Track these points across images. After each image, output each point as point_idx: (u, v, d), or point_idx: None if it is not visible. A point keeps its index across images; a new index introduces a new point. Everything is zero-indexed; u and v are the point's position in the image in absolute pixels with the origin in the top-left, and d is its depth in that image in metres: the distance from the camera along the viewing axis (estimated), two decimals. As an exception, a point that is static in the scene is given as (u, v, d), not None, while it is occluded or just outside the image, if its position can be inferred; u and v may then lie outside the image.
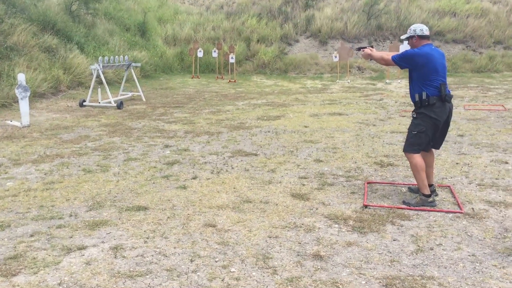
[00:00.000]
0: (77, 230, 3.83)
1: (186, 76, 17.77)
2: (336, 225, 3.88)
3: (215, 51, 17.66)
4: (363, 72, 17.54)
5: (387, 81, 15.87)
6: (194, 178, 5.19)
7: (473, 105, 10.57)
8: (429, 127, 4.28)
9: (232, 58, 16.78)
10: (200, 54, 17.76)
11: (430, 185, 4.42)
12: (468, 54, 17.93)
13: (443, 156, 6.01)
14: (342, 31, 19.20)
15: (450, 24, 18.84)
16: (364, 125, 8.32)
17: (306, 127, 8.24)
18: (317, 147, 6.63)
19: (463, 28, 18.73)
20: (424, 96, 4.24)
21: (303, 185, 4.91)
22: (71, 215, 4.15)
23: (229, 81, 16.57)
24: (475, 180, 5.00)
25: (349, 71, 16.91)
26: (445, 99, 4.23)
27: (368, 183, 4.89)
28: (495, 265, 3.19)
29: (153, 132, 7.88)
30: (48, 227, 3.88)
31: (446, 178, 5.07)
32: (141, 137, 7.45)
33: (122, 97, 11.96)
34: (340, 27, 19.26)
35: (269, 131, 7.87)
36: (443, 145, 5.46)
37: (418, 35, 4.34)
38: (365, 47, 4.68)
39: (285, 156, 6.12)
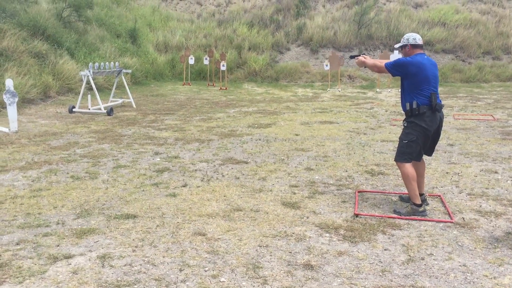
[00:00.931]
0: (64, 238, 3.76)
1: (177, 83, 17.74)
2: (327, 234, 3.85)
3: (206, 59, 17.66)
4: (353, 81, 17.64)
5: (378, 90, 15.96)
6: (184, 185, 5.14)
7: (463, 114, 10.65)
8: (419, 136, 4.29)
9: (223, 65, 16.78)
10: (191, 61, 17.75)
11: (421, 195, 4.42)
12: (458, 64, 18.12)
13: (433, 165, 6.03)
14: (333, 40, 19.33)
15: (439, 34, 19.05)
16: (354, 134, 8.34)
17: (297, 135, 8.24)
18: (308, 155, 6.62)
19: (452, 39, 18.94)
20: (414, 105, 4.25)
21: (294, 193, 4.89)
22: (58, 223, 4.08)
23: (220, 88, 16.56)
24: (465, 189, 5.02)
25: (340, 79, 16.99)
26: (435, 108, 4.24)
27: (359, 192, 4.88)
28: (486, 275, 3.18)
29: (143, 139, 7.82)
30: (35, 235, 3.81)
31: (437, 187, 5.08)
32: (131, 144, 7.39)
33: (112, 103, 11.88)
34: (331, 36, 19.38)
35: (260, 139, 7.85)
36: (433, 155, 5.51)
37: (411, 44, 4.36)
38: (358, 55, 4.68)
39: (276, 164, 6.10)
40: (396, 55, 15.99)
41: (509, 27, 19.28)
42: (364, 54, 5.22)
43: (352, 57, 4.86)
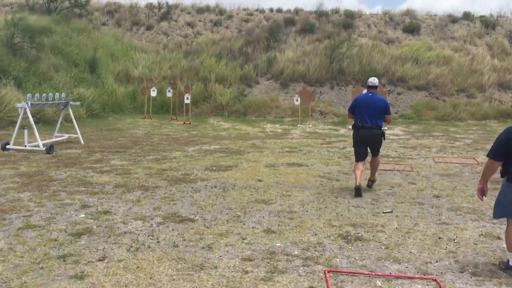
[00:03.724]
0: None
1: (137, 116, 16.49)
2: None
3: (169, 91, 16.55)
4: (325, 116, 16.79)
5: (350, 127, 15.06)
6: (101, 259, 3.87)
7: (443, 157, 9.76)
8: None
9: (187, 98, 15.68)
10: (153, 93, 16.60)
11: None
12: (431, 101, 17.54)
13: (421, 226, 4.94)
14: (304, 74, 18.57)
15: (412, 70, 18.55)
16: (326, 180, 7.25)
17: (260, 181, 7.10)
18: (270, 210, 5.46)
19: (425, 75, 18.45)
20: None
21: (246, 272, 3.69)
22: None
23: (184, 123, 15.40)
24: (467, 266, 3.91)
25: (311, 115, 16.10)
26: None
27: (330, 271, 3.71)
28: None
29: (76, 185, 6.53)
30: None
31: (431, 263, 3.95)
32: (58, 193, 6.08)
33: (56, 139, 10.53)
34: (302, 70, 18.63)
35: (215, 186, 6.67)
36: (419, 211, 4.50)
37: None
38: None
39: (229, 224, 4.91)
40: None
41: (482, 65, 18.97)
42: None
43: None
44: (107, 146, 10.40)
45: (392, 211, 5.47)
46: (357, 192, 6.14)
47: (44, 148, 9.19)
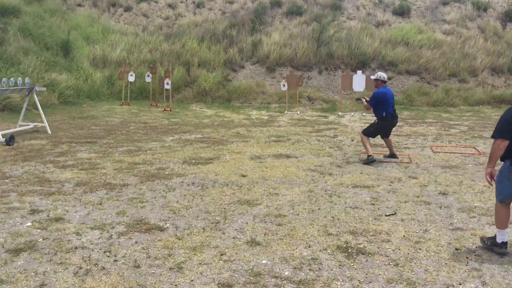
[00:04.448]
0: None
1: (115, 103, 15.49)
2: None
3: (148, 75, 15.57)
4: (313, 103, 15.99)
5: (340, 113, 14.34)
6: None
7: (441, 146, 9.06)
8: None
9: (167, 83, 14.72)
10: (131, 78, 15.59)
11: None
12: (423, 86, 16.84)
13: (432, 233, 4.19)
14: (291, 58, 17.69)
15: (402, 54, 17.78)
16: (318, 174, 6.48)
17: (243, 176, 6.30)
18: (254, 213, 4.67)
19: (416, 59, 17.71)
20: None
21: (223, 305, 2.91)
22: None
23: (164, 109, 14.48)
24: (497, 288, 3.18)
25: (299, 101, 15.28)
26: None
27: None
28: None
29: (30, 184, 5.65)
30: None
31: (453, 286, 3.21)
32: (7, 193, 5.21)
33: (19, 128, 9.58)
34: (289, 53, 17.73)
35: (193, 183, 5.86)
36: (427, 212, 3.79)
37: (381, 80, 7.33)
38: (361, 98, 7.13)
39: (205, 233, 4.11)
40: (359, 76, 14.46)
41: (474, 49, 18.29)
42: (365, 98, 7.79)
43: (358, 100, 7.39)
44: (76, 136, 9.48)
45: (395, 213, 4.72)
46: (372, 159, 7.22)
47: (4, 139, 8.26)
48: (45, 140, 8.93)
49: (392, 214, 4.68)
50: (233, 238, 4.00)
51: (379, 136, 7.78)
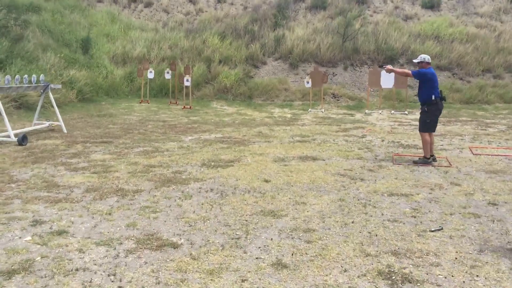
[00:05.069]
0: None
1: (134, 100, 15.14)
2: None
3: (168, 72, 15.17)
4: (338, 100, 15.33)
5: (367, 111, 13.67)
6: (26, 324, 2.59)
7: (481, 147, 8.35)
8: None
9: (187, 80, 14.28)
10: (150, 75, 15.21)
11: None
12: (456, 82, 15.98)
13: (489, 255, 3.57)
14: (315, 53, 17.04)
15: (433, 48, 16.93)
16: (348, 180, 5.90)
17: (267, 181, 5.77)
18: (280, 228, 4.13)
19: (447, 54, 16.86)
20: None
21: None
22: None
23: (184, 107, 14.06)
24: None
25: (323, 98, 14.65)
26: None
27: None
28: None
29: (37, 190, 5.24)
30: None
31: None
32: (10, 200, 4.80)
33: (34, 127, 9.26)
34: (312, 49, 17.09)
35: (212, 189, 5.36)
36: (478, 228, 3.16)
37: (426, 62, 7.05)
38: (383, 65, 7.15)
39: (224, 252, 3.59)
40: (384, 74, 13.55)
41: (510, 43, 17.30)
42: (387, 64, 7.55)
43: (380, 66, 6.77)
44: (92, 136, 9.10)
45: (442, 228, 4.12)
46: (434, 159, 6.98)
47: (16, 138, 7.92)
48: (59, 140, 8.56)
49: (439, 230, 4.08)
50: (256, 258, 3.47)
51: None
